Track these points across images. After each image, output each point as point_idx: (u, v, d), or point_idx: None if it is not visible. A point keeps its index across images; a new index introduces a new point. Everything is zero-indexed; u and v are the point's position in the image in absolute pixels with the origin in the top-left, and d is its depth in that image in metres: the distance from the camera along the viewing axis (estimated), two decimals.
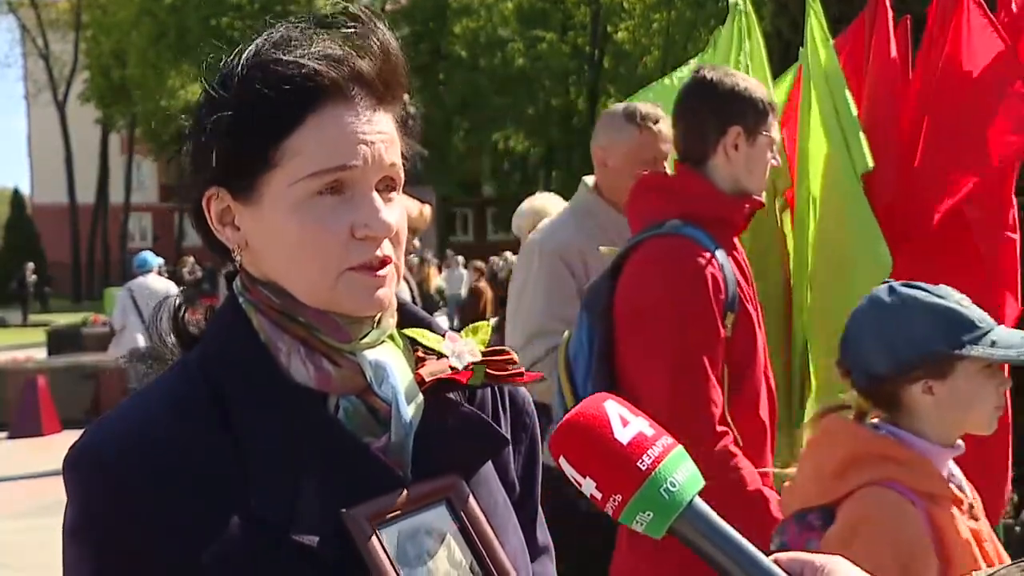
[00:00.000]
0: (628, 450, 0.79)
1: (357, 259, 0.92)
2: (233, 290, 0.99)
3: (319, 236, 0.91)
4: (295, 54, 0.92)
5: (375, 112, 0.94)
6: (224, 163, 0.93)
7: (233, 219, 0.96)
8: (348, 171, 0.92)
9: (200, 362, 0.95)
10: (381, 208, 0.93)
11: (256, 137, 0.91)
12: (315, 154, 0.91)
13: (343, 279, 0.93)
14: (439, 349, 1.01)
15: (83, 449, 0.90)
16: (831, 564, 0.80)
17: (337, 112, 0.92)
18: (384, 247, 0.94)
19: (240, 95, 0.92)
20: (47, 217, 40.56)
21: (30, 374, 10.34)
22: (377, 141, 0.93)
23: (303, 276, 0.93)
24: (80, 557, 0.89)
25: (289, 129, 0.91)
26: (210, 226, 0.97)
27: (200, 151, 0.96)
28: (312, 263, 0.92)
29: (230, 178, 0.94)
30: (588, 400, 0.84)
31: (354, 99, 0.93)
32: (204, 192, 0.96)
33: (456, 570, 0.93)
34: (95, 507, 0.88)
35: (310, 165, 0.91)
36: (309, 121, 0.91)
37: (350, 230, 0.92)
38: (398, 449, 0.95)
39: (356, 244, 0.92)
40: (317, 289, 0.93)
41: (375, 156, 0.93)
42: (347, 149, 0.91)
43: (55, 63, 40.08)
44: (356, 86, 0.93)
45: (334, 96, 0.92)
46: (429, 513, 0.94)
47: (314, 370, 0.94)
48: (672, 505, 0.79)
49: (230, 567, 0.86)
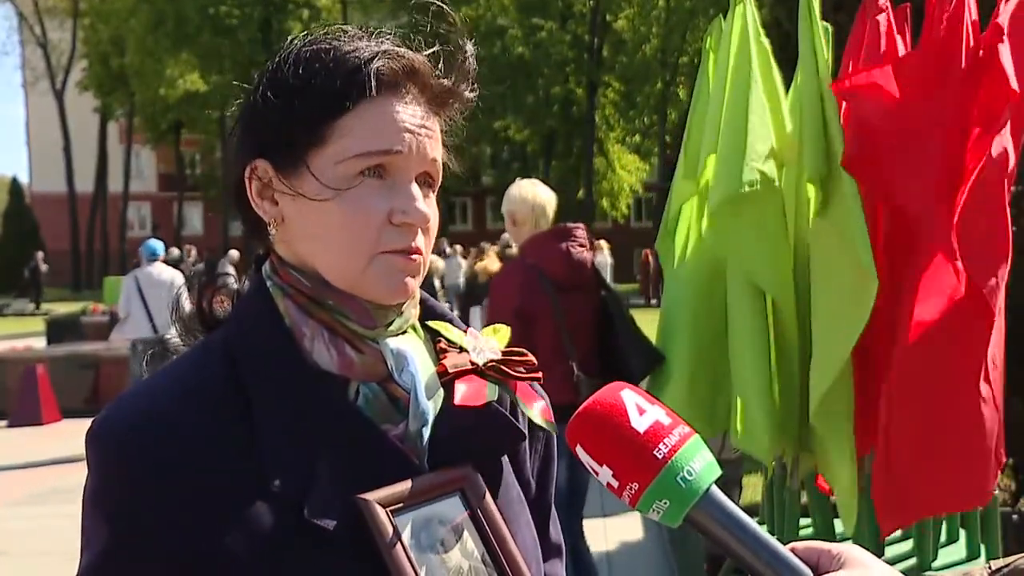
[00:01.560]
0: (645, 439, 0.79)
1: (391, 244, 0.94)
2: (262, 273, 1.00)
3: (357, 216, 0.93)
4: (361, 44, 0.96)
5: (425, 112, 0.97)
6: (274, 135, 0.95)
7: (273, 194, 0.97)
8: (392, 156, 0.94)
9: (223, 343, 0.96)
10: (419, 197, 0.95)
11: (309, 114, 0.94)
12: (363, 136, 0.93)
13: (376, 261, 0.94)
14: (461, 343, 1.02)
15: (103, 423, 0.92)
16: (847, 552, 0.80)
17: (389, 102, 0.95)
18: (417, 238, 0.96)
19: (300, 73, 0.95)
20: (46, 206, 40.57)
21: (30, 363, 10.35)
22: (423, 135, 0.96)
23: (336, 255, 0.94)
24: (98, 525, 0.91)
25: (342, 110, 0.93)
26: (249, 199, 0.98)
27: (251, 122, 0.98)
28: (347, 242, 0.93)
29: (277, 151, 0.96)
30: (605, 389, 0.84)
31: (407, 94, 0.96)
32: (249, 163, 0.97)
33: (468, 560, 0.93)
34: (112, 479, 0.90)
35: (357, 146, 0.93)
36: (362, 106, 0.94)
37: (388, 215, 0.94)
38: (415, 438, 0.96)
39: (392, 230, 0.94)
40: (349, 269, 0.94)
41: (419, 147, 0.95)
42: (394, 135, 0.94)
43: (53, 51, 40.02)
44: (410, 83, 0.96)
45: (389, 88, 0.95)
46: (443, 503, 0.94)
47: (337, 355, 0.95)
48: (689, 493, 0.79)
49: (243, 545, 0.87)
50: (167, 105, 35.47)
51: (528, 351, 1.04)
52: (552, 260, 3.82)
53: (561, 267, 3.81)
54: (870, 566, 0.79)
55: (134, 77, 35.38)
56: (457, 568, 0.92)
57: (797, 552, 0.81)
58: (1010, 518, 4.11)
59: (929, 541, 3.08)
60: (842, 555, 0.80)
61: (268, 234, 0.99)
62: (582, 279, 3.87)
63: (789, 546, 0.81)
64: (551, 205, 4.02)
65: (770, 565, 0.79)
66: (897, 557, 3.20)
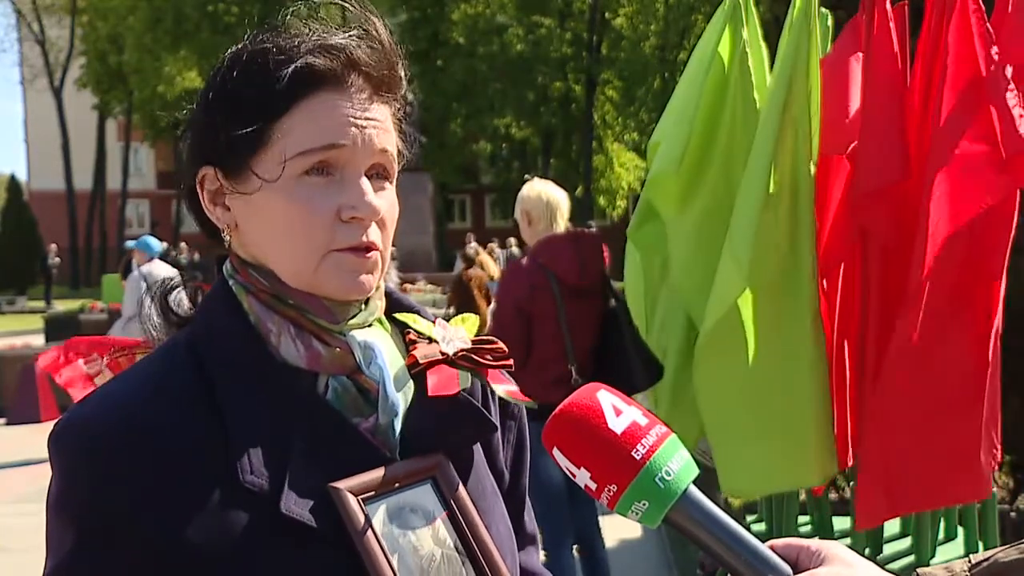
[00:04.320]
0: (622, 440, 0.79)
1: (343, 241, 0.93)
2: (223, 273, 1.00)
3: (305, 216, 0.92)
4: (294, 41, 0.94)
5: (370, 101, 0.96)
6: (217, 142, 0.95)
7: (224, 200, 0.97)
8: (337, 150, 0.93)
9: (188, 342, 0.96)
10: (368, 191, 0.94)
11: (249, 118, 0.93)
12: (305, 134, 0.92)
13: (327, 260, 0.93)
14: (430, 334, 1.02)
15: (66, 424, 0.91)
16: (827, 549, 0.80)
17: (331, 98, 0.93)
18: (371, 232, 0.95)
19: (237, 78, 0.94)
20: (44, 203, 40.46)
21: (28, 360, 10.33)
22: (369, 126, 0.95)
23: (288, 257, 0.94)
24: (63, 529, 0.90)
25: (282, 111, 0.93)
26: (202, 206, 0.99)
27: (197, 131, 0.98)
28: (297, 243, 0.93)
29: (222, 157, 0.95)
30: (581, 390, 0.83)
31: (349, 88, 0.94)
32: (198, 171, 0.97)
33: (440, 548, 0.94)
34: (76, 481, 0.89)
35: (299, 144, 0.92)
36: (302, 105, 0.93)
37: (337, 212, 0.93)
38: (385, 430, 0.96)
39: (342, 226, 0.93)
40: (301, 270, 0.94)
41: (365, 140, 0.94)
42: (337, 130, 0.93)
43: (51, 48, 39.90)
44: (352, 75, 0.95)
45: (329, 83, 0.93)
46: (415, 491, 0.94)
47: (304, 349, 0.95)
48: (668, 494, 0.79)
49: (213, 541, 0.87)
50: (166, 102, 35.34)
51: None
52: (565, 264, 3.82)
53: (574, 272, 3.82)
54: (851, 563, 0.79)
55: (132, 74, 35.29)
56: (429, 555, 0.93)
57: (777, 550, 0.81)
58: (1008, 515, 4.11)
59: (927, 538, 3.08)
60: (822, 552, 0.80)
61: (223, 239, 0.99)
62: (591, 285, 3.88)
63: (769, 544, 0.81)
64: (565, 205, 4.04)
65: (750, 563, 0.79)
66: (895, 554, 3.20)
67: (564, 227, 3.99)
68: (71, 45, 39.44)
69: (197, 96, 0.99)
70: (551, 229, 3.95)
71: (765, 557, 0.79)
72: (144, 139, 39.45)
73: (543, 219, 3.95)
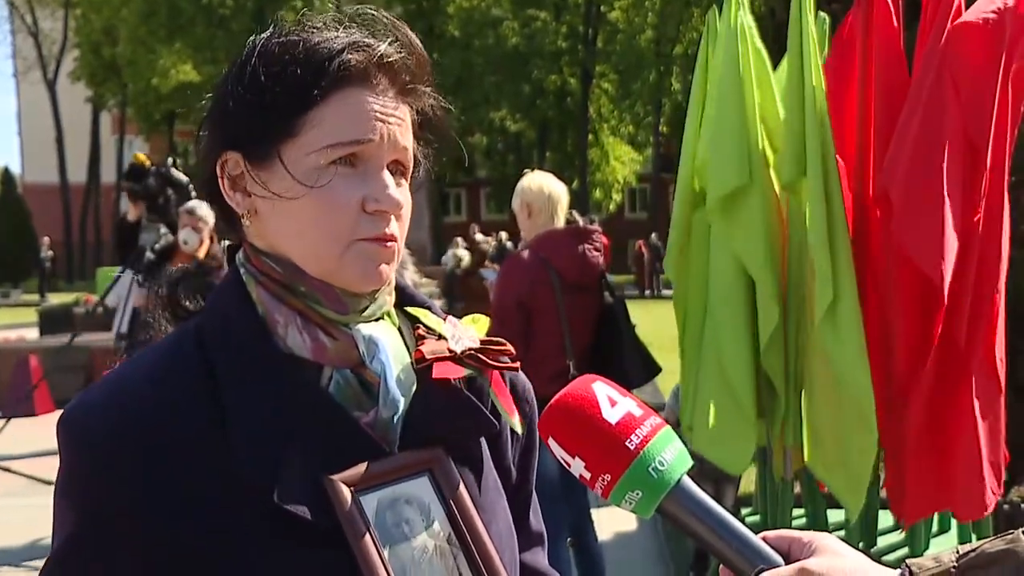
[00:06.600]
0: (617, 430, 0.80)
1: (366, 232, 0.95)
2: (236, 262, 1.01)
3: (331, 206, 0.94)
4: (327, 35, 0.97)
5: (396, 100, 0.98)
6: (245, 129, 0.96)
7: (245, 186, 0.98)
8: (363, 145, 0.95)
9: (195, 331, 0.97)
10: (391, 185, 0.96)
11: (280, 106, 0.95)
12: (334, 127, 0.94)
13: (351, 249, 0.95)
14: (439, 330, 1.03)
15: (71, 412, 0.93)
16: (818, 540, 0.81)
17: (360, 93, 0.96)
18: (391, 225, 0.97)
19: (269, 68, 0.95)
20: (38, 196, 40.40)
21: (22, 354, 10.33)
22: (393, 123, 0.97)
23: (312, 244, 0.95)
24: (66, 512, 0.92)
25: (313, 103, 0.94)
26: (221, 191, 0.99)
27: (222, 117, 0.99)
28: (322, 232, 0.95)
29: (249, 143, 0.97)
30: (576, 381, 0.84)
31: (377, 86, 0.97)
32: (220, 156, 0.98)
33: (434, 540, 0.94)
34: (79, 468, 0.91)
35: (329, 136, 0.94)
36: (332, 98, 0.95)
37: (361, 203, 0.95)
38: (385, 424, 0.96)
39: (366, 218, 0.95)
40: (324, 258, 0.95)
41: (390, 135, 0.97)
42: (365, 125, 0.95)
43: (44, 40, 39.83)
44: (380, 73, 0.97)
45: (359, 79, 0.96)
46: (411, 483, 0.95)
47: (310, 341, 0.96)
48: (661, 484, 0.79)
49: (209, 531, 0.88)
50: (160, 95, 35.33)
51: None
52: (566, 259, 3.81)
53: (575, 267, 3.81)
54: (842, 554, 0.80)
55: (127, 67, 35.24)
56: (423, 547, 0.93)
57: (768, 540, 0.81)
58: (1001, 507, 4.13)
59: (921, 530, 3.10)
60: (813, 543, 0.81)
61: (242, 225, 1.00)
62: (591, 281, 3.88)
63: (761, 535, 0.81)
64: (565, 198, 4.01)
65: (742, 554, 0.80)
66: (889, 547, 3.22)
67: (564, 221, 3.98)
68: (65, 37, 39.38)
69: (219, 83, 0.99)
70: (551, 223, 3.93)
71: (757, 548, 0.80)
72: (139, 132, 39.38)
73: (544, 212, 3.92)
